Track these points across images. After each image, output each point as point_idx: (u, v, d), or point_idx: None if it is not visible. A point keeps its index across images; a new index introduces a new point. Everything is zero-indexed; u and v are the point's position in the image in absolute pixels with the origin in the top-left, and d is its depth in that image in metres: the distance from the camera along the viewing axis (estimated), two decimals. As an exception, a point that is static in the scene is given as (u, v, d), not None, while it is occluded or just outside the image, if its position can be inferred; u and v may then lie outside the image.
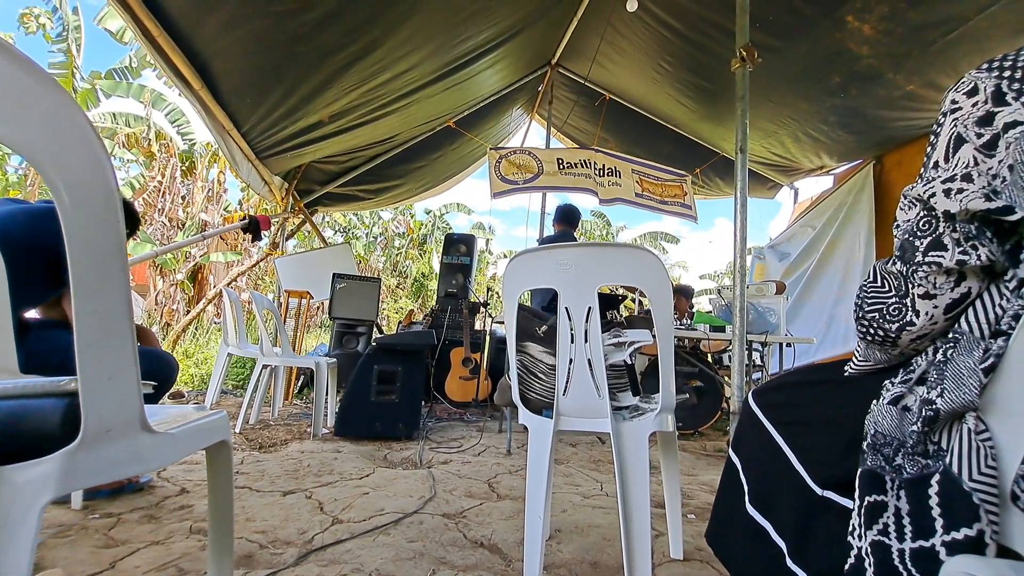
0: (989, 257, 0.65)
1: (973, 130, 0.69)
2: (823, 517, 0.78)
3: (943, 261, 0.67)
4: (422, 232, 16.74)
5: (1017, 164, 0.62)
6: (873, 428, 0.71)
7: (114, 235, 0.60)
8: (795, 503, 0.82)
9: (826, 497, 0.79)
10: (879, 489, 0.68)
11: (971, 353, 0.64)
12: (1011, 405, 0.61)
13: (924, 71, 3.40)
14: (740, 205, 2.51)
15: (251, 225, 3.40)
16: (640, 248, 1.22)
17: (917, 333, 0.73)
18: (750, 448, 0.95)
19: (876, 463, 0.69)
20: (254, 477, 2.13)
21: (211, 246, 10.07)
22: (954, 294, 0.69)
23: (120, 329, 0.58)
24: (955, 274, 0.68)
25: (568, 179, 4.59)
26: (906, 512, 0.64)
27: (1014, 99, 0.65)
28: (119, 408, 0.58)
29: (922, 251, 0.70)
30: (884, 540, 0.65)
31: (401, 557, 1.46)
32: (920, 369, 0.72)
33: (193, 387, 5.00)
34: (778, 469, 0.86)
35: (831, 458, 0.80)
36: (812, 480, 0.81)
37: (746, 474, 0.95)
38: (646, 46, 4.23)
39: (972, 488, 0.60)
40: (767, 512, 0.87)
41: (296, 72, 3.23)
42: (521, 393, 1.40)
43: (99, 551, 1.39)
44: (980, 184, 0.66)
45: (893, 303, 0.76)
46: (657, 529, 1.77)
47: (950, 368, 0.66)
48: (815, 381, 0.93)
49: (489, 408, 4.17)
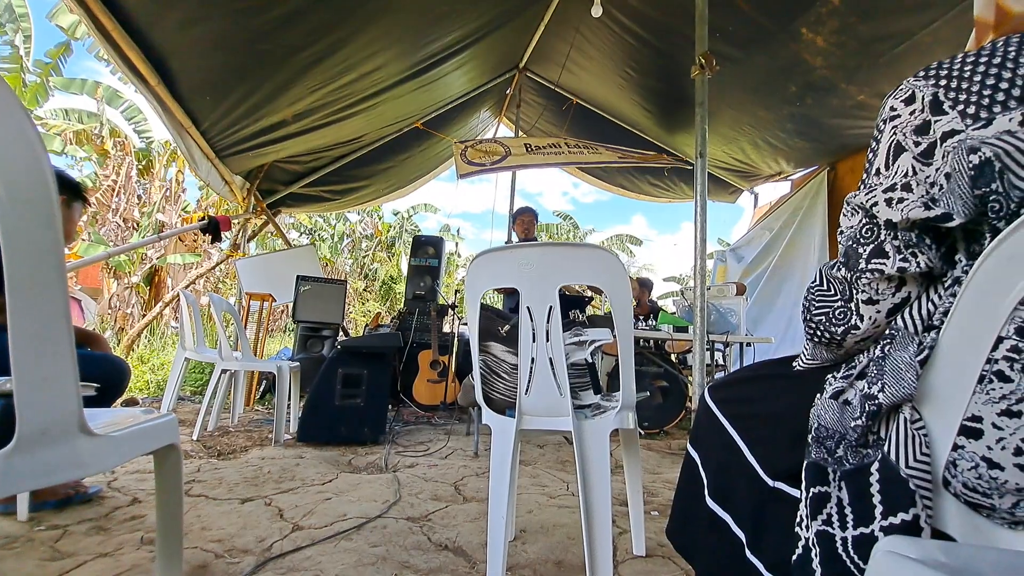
0: (928, 264, 0.68)
1: (911, 138, 0.72)
2: (775, 508, 0.80)
3: (885, 268, 0.70)
4: (390, 235, 16.55)
5: (954, 172, 0.65)
6: (816, 422, 0.74)
7: (51, 233, 0.58)
8: (750, 495, 0.84)
9: (777, 488, 0.82)
10: (823, 480, 0.70)
11: (906, 348, 0.67)
12: (942, 395, 0.64)
13: (874, 82, 3.56)
14: (700, 208, 2.58)
15: (210, 226, 3.29)
16: (601, 248, 1.24)
17: (861, 336, 0.76)
18: (708, 442, 0.98)
19: (820, 455, 0.72)
20: (211, 485, 2.06)
21: (168, 248, 9.70)
22: (895, 299, 0.72)
23: (56, 329, 0.56)
24: (896, 280, 0.71)
25: (538, 157, 4.52)
26: (847, 502, 0.67)
27: (951, 108, 0.68)
28: (56, 410, 0.56)
29: (865, 258, 0.73)
30: (828, 530, 0.67)
31: (363, 562, 1.43)
32: (861, 365, 0.75)
33: (149, 393, 4.80)
34: (734, 462, 0.88)
35: (780, 450, 0.83)
36: (764, 472, 0.84)
37: (705, 468, 0.97)
38: (612, 52, 4.31)
39: (909, 475, 0.63)
40: (726, 504, 0.89)
41: (258, 70, 3.15)
42: (485, 393, 1.40)
43: (45, 564, 1.33)
44: (919, 193, 0.69)
45: (839, 307, 0.78)
46: (620, 526, 1.80)
47: (889, 363, 0.69)
48: (765, 376, 0.96)
49: (457, 411, 4.15)
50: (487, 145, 4.51)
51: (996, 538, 0.59)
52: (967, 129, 0.65)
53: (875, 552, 0.41)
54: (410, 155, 5.57)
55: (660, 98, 4.64)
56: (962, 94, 0.67)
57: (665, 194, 6.26)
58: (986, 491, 0.59)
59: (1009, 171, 0.59)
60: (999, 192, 0.60)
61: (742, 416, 0.91)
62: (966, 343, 0.61)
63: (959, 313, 0.62)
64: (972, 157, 0.61)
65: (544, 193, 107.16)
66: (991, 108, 0.64)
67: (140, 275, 9.13)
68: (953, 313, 0.63)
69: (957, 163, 0.64)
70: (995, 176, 0.60)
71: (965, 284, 0.60)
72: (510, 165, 4.47)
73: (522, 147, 4.58)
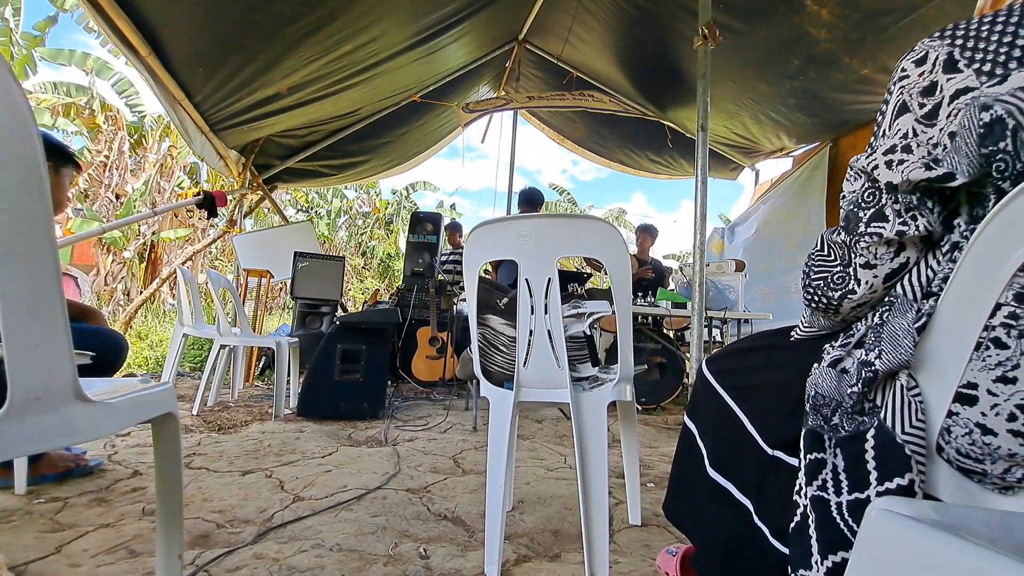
0: (928, 227, 0.67)
1: (917, 100, 0.71)
2: (776, 477, 0.81)
3: (884, 232, 0.70)
4: (388, 212, 16.43)
5: (962, 130, 0.64)
6: (813, 390, 0.74)
7: (40, 198, 0.57)
8: (752, 463, 0.85)
9: (776, 457, 0.82)
10: (819, 447, 0.71)
11: (905, 315, 0.67)
12: (938, 361, 0.64)
13: (877, 56, 3.50)
14: (700, 182, 2.56)
15: (206, 201, 3.25)
16: (600, 220, 1.23)
17: (857, 301, 0.75)
18: (706, 414, 0.98)
19: (816, 423, 0.72)
20: (212, 458, 2.08)
21: (163, 223, 9.63)
22: (893, 264, 0.71)
23: (48, 295, 0.55)
24: (895, 244, 0.71)
25: (541, 102, 4.50)
26: (843, 468, 0.67)
27: (966, 66, 0.66)
28: (48, 376, 0.56)
29: (864, 222, 0.72)
30: (823, 495, 0.68)
31: (363, 532, 1.46)
32: (859, 333, 0.75)
33: (148, 369, 4.82)
34: (734, 431, 0.89)
35: (778, 420, 0.84)
36: (763, 441, 0.85)
37: (704, 439, 0.98)
38: (613, 24, 4.21)
39: (904, 441, 0.63)
40: (728, 473, 0.89)
41: (252, 41, 3.08)
42: (483, 366, 1.40)
43: (44, 536, 1.34)
44: (920, 154, 0.68)
45: (837, 272, 0.78)
46: (617, 497, 1.83)
47: (887, 330, 0.69)
48: (763, 347, 0.96)
49: (456, 387, 4.18)
50: (488, 101, 4.46)
51: (986, 502, 0.60)
52: (981, 86, 0.63)
53: (869, 510, 0.41)
54: (408, 130, 5.49)
55: (662, 72, 4.55)
56: (979, 52, 0.65)
57: (665, 170, 6.20)
58: (978, 457, 0.60)
59: (1022, 129, 0.58)
60: (1007, 151, 0.59)
61: (740, 387, 0.92)
62: (965, 310, 0.61)
63: (959, 279, 0.61)
64: (984, 115, 0.60)
65: (543, 171, 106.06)
66: (1007, 64, 0.62)
67: (134, 251, 9.07)
68: (953, 279, 0.62)
69: (967, 120, 0.63)
70: (1005, 134, 0.59)
71: (966, 250, 0.60)
72: (513, 107, 4.45)
73: (524, 99, 4.54)
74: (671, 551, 1.19)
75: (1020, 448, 0.56)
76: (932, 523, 0.37)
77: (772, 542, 0.78)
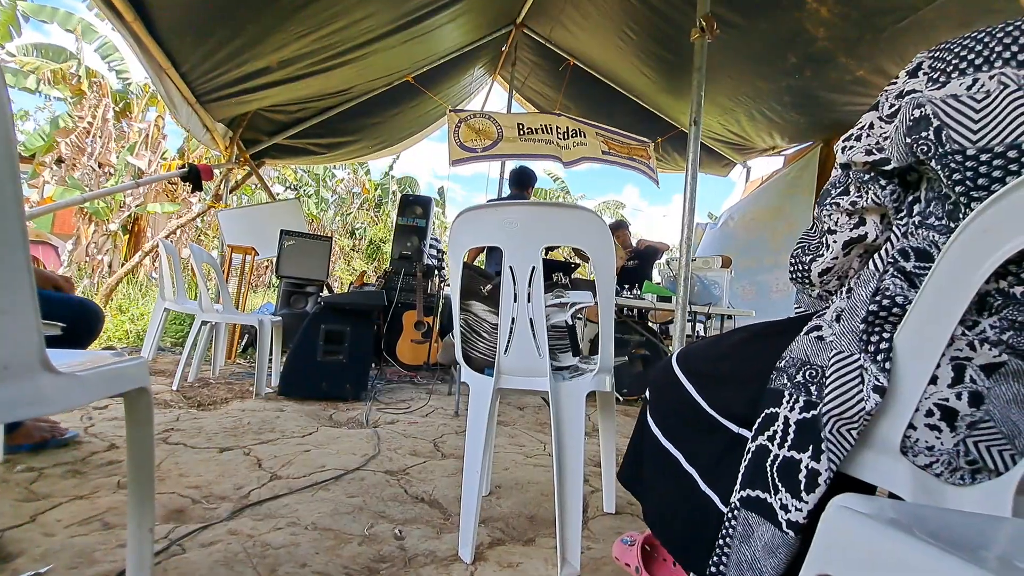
0: (875, 200, 0.79)
1: (889, 101, 0.79)
2: (726, 445, 0.85)
3: (841, 201, 0.83)
4: (377, 194, 16.27)
5: (900, 123, 0.74)
6: (786, 358, 0.79)
7: (6, 158, 0.55)
8: (699, 431, 0.90)
9: (724, 424, 0.87)
10: (776, 403, 0.76)
11: (868, 286, 0.74)
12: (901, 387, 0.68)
13: (874, 57, 3.51)
14: (691, 176, 2.56)
15: (191, 174, 3.18)
16: (585, 209, 1.23)
17: (823, 265, 0.86)
18: (660, 390, 1.02)
19: (780, 383, 0.78)
20: (190, 434, 2.07)
21: (148, 196, 9.43)
22: (852, 233, 0.82)
23: (13, 261, 0.54)
24: (855, 216, 0.82)
25: (528, 145, 4.53)
26: (793, 423, 0.73)
27: (924, 74, 0.75)
28: (15, 345, 0.54)
29: (832, 196, 0.85)
30: (768, 445, 0.75)
31: (339, 511, 1.46)
32: (834, 305, 0.81)
33: (128, 343, 4.76)
34: (685, 405, 0.93)
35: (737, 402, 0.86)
36: (714, 411, 0.89)
37: (655, 412, 1.02)
38: (611, 11, 4.17)
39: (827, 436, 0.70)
40: (678, 443, 0.94)
41: (242, 12, 3.00)
42: (464, 351, 1.40)
43: (20, 504, 1.33)
44: (866, 143, 0.80)
45: (815, 242, 0.90)
46: (593, 485, 1.85)
47: (848, 304, 0.76)
48: (734, 341, 0.98)
49: (439, 371, 4.18)
50: (480, 123, 4.42)
51: (944, 497, 0.62)
52: (924, 90, 0.73)
53: (828, 507, 0.43)
54: (400, 111, 5.41)
55: (658, 62, 4.53)
56: (939, 63, 0.74)
57: (658, 164, 6.20)
58: (920, 452, 0.65)
59: (948, 128, 0.66)
60: (928, 139, 0.68)
61: (703, 374, 0.94)
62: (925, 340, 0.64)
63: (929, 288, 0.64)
64: (915, 111, 0.71)
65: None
66: (951, 74, 0.71)
67: (118, 222, 8.90)
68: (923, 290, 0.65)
69: (904, 114, 0.73)
70: (928, 128, 0.68)
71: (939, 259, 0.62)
72: (499, 154, 4.52)
73: (515, 127, 4.53)
74: (626, 540, 1.20)
75: (936, 441, 0.63)
76: (888, 521, 0.38)
77: (717, 504, 0.83)
